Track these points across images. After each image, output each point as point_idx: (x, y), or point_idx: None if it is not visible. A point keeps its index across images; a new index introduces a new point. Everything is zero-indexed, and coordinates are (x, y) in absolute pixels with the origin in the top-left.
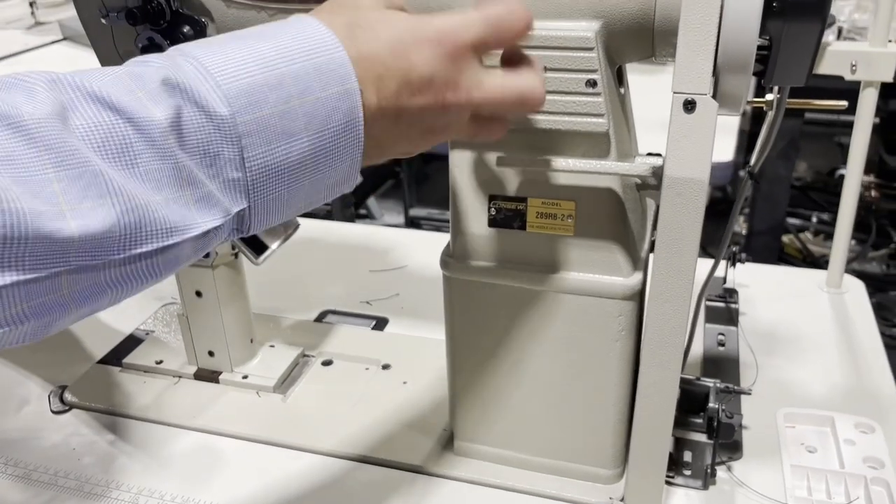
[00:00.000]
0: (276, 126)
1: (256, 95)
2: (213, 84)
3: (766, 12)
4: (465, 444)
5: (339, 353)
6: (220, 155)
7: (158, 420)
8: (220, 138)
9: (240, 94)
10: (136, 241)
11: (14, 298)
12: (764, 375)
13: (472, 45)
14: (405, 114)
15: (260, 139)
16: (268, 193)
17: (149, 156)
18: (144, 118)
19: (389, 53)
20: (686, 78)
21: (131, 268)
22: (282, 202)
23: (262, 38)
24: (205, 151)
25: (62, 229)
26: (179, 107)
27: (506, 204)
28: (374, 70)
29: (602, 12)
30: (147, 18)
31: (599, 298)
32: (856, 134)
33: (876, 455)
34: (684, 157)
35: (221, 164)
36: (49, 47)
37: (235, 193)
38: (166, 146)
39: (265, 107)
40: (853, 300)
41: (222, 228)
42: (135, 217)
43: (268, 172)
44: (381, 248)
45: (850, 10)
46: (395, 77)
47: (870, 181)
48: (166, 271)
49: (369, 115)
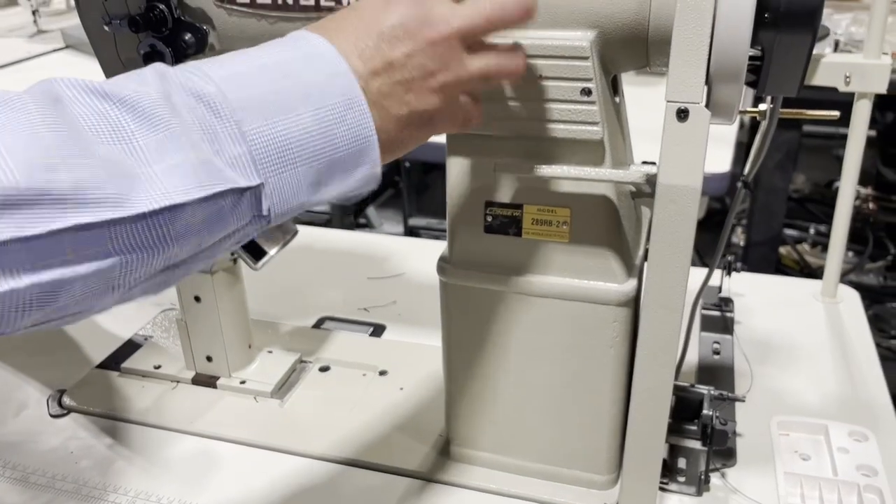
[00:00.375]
0: (271, 102)
1: (244, 78)
2: (202, 74)
3: (758, 23)
4: (460, 449)
5: (337, 360)
6: (218, 132)
7: (156, 424)
8: (213, 116)
9: (227, 77)
10: (133, 200)
11: (15, 256)
12: (758, 383)
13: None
14: (395, 65)
15: (256, 114)
16: (281, 170)
17: (144, 130)
18: (134, 97)
19: (357, 19)
20: (679, 87)
21: (139, 231)
22: (298, 182)
23: (252, 49)
24: (202, 128)
25: (53, 180)
26: (169, 90)
27: (501, 210)
28: (349, 39)
29: (597, 22)
30: (149, 26)
31: (594, 304)
32: (850, 145)
33: (869, 463)
34: (677, 165)
35: (222, 141)
36: (51, 55)
37: (244, 168)
38: (161, 116)
39: (255, 86)
40: (848, 310)
41: (240, 206)
42: (128, 181)
43: (273, 146)
44: (378, 256)
45: (847, 24)
46: (370, 35)
47: (867, 193)
48: (179, 242)
49: (363, 81)
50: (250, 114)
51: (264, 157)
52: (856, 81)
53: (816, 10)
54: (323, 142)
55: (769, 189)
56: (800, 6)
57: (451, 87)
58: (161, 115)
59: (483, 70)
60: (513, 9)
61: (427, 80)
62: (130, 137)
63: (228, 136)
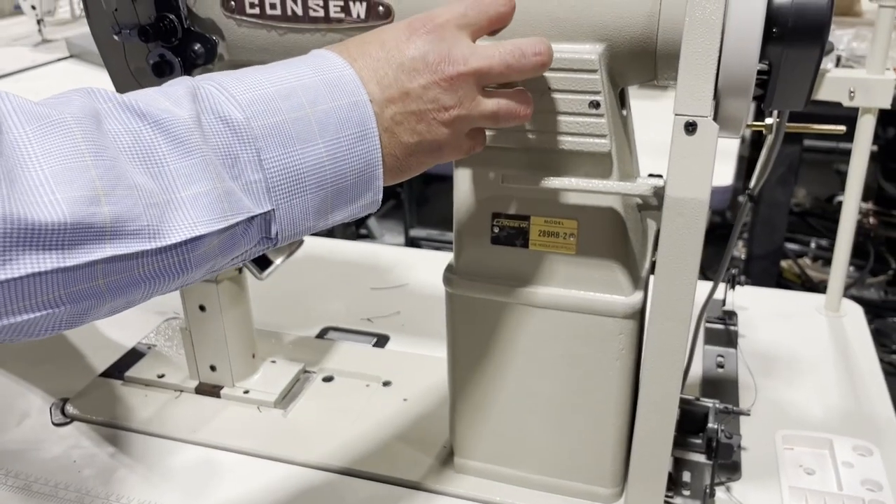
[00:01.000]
0: (290, 131)
1: (269, 104)
2: (229, 95)
3: (767, 38)
4: (464, 461)
5: (340, 370)
6: (239, 157)
7: (159, 433)
8: (237, 141)
9: (253, 101)
10: (163, 233)
11: (53, 284)
12: (762, 397)
13: (454, 22)
14: (412, 95)
15: (275, 142)
16: (291, 197)
17: (175, 156)
18: (168, 119)
19: (380, 46)
20: (688, 100)
21: (163, 259)
22: (306, 208)
23: (277, 65)
24: (226, 153)
25: (96, 213)
26: (199, 112)
27: (509, 222)
28: (369, 65)
29: (606, 35)
30: (159, 36)
31: (600, 317)
32: (854, 159)
33: (874, 478)
34: (685, 178)
35: (242, 166)
36: (55, 64)
37: (258, 195)
38: (192, 142)
39: (278, 113)
40: (851, 324)
41: (250, 230)
42: (158, 211)
43: (287, 175)
44: (382, 266)
45: (849, 39)
46: (391, 64)
47: (868, 208)
48: (197, 268)
49: (378, 107)
50: (270, 142)
51: (278, 185)
52: (860, 96)
53: (824, 25)
54: (333, 171)
55: (771, 203)
56: (808, 21)
57: (461, 122)
58: (192, 140)
59: (494, 111)
60: (530, 59)
61: (440, 113)
62: (162, 161)
63: (248, 162)
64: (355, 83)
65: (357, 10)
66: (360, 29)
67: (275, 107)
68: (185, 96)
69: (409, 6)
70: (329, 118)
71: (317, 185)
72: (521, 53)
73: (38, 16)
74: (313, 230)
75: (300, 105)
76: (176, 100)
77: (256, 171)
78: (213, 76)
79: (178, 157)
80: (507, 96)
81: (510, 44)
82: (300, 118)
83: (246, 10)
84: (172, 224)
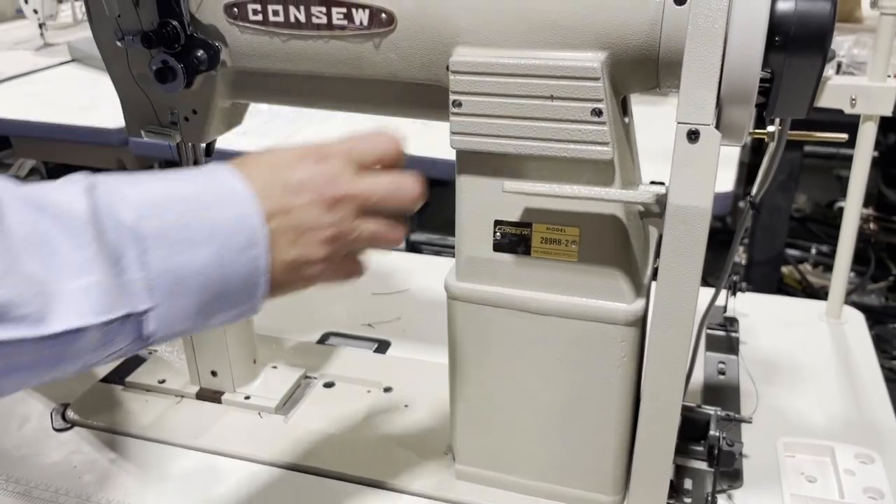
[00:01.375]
0: (179, 234)
1: (160, 207)
2: (123, 195)
3: (769, 46)
4: (465, 467)
5: (341, 376)
6: (125, 255)
7: (160, 439)
8: (125, 240)
9: (145, 203)
10: (47, 320)
11: None
12: (764, 404)
13: (343, 155)
14: (292, 211)
15: (163, 243)
16: (173, 297)
17: (69, 247)
18: (64, 213)
19: (271, 164)
20: (690, 108)
21: (41, 349)
22: (187, 310)
23: (174, 172)
24: (112, 250)
25: None
26: (94, 209)
27: (511, 229)
28: (261, 179)
29: (608, 43)
30: (162, 42)
31: (602, 324)
32: (855, 166)
33: (876, 486)
34: (688, 186)
35: (126, 264)
36: (57, 68)
37: (139, 293)
38: (85, 236)
39: (168, 216)
40: (853, 331)
41: (126, 327)
42: (45, 299)
43: (170, 275)
44: (383, 272)
45: (850, 46)
46: (277, 181)
47: (869, 214)
48: (72, 361)
49: (263, 218)
50: (158, 241)
51: (161, 285)
52: (861, 104)
53: (827, 33)
54: (220, 275)
55: (771, 208)
56: (810, 30)
57: (338, 242)
58: (86, 235)
59: (370, 235)
60: (405, 194)
61: (318, 231)
62: (55, 252)
63: (134, 260)
64: (245, 194)
65: (360, 17)
66: (362, 36)
67: (166, 209)
68: (83, 192)
69: (411, 14)
70: (218, 225)
71: (200, 287)
72: (397, 187)
73: (40, 19)
74: (192, 331)
75: (191, 209)
76: (74, 195)
77: (140, 269)
78: (111, 176)
79: (71, 249)
80: (384, 222)
81: (390, 177)
82: (190, 223)
83: (249, 16)
84: (58, 313)
